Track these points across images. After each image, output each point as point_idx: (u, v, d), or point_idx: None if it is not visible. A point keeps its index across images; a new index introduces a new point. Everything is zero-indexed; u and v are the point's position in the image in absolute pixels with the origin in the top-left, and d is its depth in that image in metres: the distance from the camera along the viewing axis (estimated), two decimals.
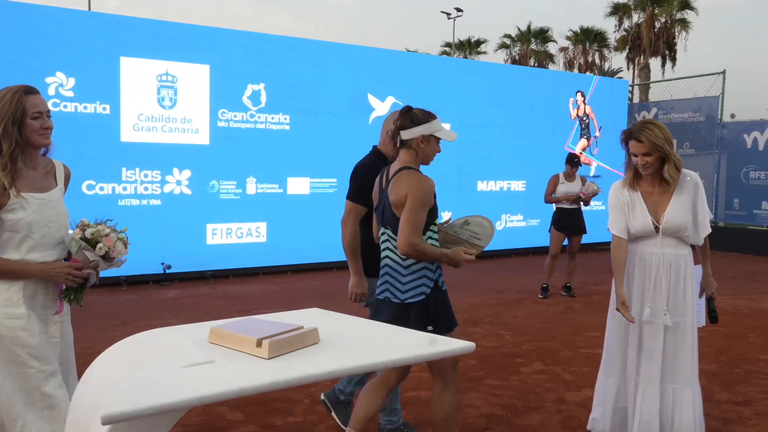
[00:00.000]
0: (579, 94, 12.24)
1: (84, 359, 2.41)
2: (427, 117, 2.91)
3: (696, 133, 13.25)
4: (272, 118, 8.87)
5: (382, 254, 3.01)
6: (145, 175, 8.09)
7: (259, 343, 1.36)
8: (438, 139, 2.95)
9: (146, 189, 8.09)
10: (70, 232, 2.56)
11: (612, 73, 37.71)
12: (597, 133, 12.48)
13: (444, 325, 2.89)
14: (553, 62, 34.42)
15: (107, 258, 2.46)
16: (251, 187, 8.84)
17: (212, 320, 2.25)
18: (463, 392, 4.34)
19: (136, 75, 7.93)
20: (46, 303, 2.50)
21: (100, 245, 2.43)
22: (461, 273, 3.86)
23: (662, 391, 3.25)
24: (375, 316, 2.95)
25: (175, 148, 8.27)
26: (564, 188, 7.80)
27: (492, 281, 8.88)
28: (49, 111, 2.52)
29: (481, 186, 11.00)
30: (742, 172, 12.68)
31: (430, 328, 2.82)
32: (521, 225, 11.56)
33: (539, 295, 7.84)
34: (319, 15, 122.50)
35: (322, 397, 3.73)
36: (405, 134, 2.89)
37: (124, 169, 7.94)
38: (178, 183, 8.32)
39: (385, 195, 2.94)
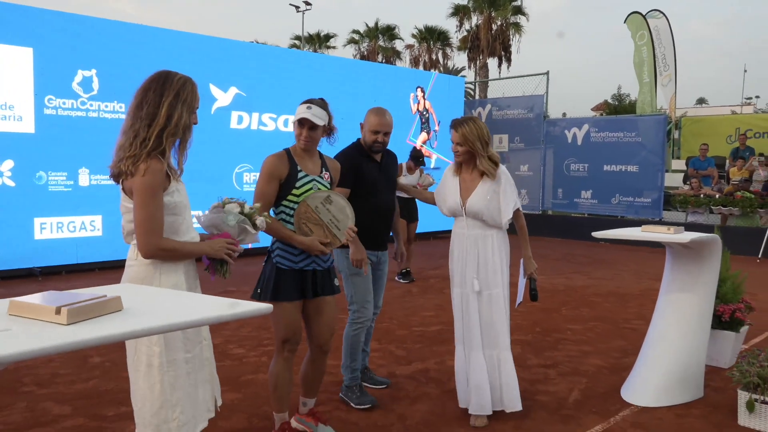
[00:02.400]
0: (419, 89, 12.83)
1: None
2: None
3: (526, 129, 14.36)
4: (106, 106, 8.48)
5: None
6: None
7: (58, 311, 1.41)
8: (296, 123, 3.22)
9: None
10: (230, 205, 2.62)
11: (456, 72, 39.56)
12: (436, 127, 13.15)
13: (262, 293, 3.21)
14: (400, 59, 35.52)
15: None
16: (84, 178, 8.40)
17: None
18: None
19: None
20: (194, 283, 2.55)
21: (261, 219, 2.64)
22: None
23: (486, 357, 3.65)
24: None
25: None
26: (404, 180, 8.25)
27: None
28: None
29: None
30: (564, 164, 13.93)
31: (258, 290, 3.22)
32: None
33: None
34: (163, 4, 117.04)
35: (342, 396, 4.02)
36: None
37: None
38: (0, 174, 7.72)
39: None
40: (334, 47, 38.46)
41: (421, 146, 12.78)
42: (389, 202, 4.06)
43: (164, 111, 2.36)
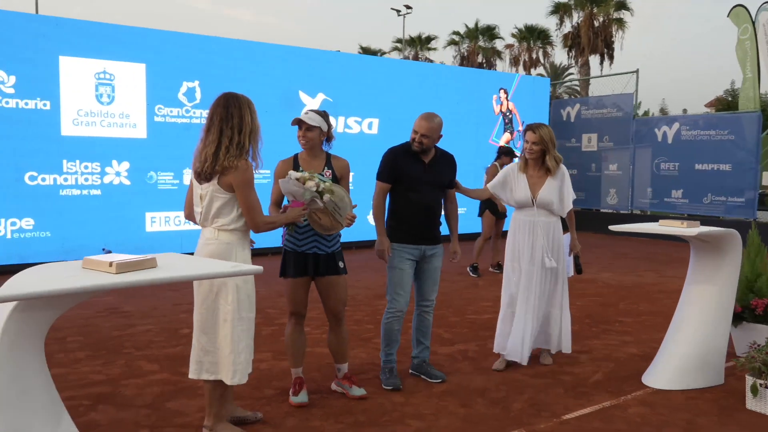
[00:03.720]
0: (502, 91, 13.14)
1: None
2: None
3: (615, 128, 14.28)
4: (207, 113, 9.49)
5: None
6: (86, 167, 8.65)
7: (110, 265, 2.08)
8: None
9: (86, 180, 8.66)
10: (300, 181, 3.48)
11: (563, 70, 38.96)
12: (520, 128, 13.40)
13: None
14: (501, 59, 35.50)
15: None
16: (188, 178, 9.45)
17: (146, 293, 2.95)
18: (353, 348, 5.10)
19: (74, 73, 8.48)
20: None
21: (327, 196, 3.46)
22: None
23: (543, 314, 4.67)
24: None
25: (114, 141, 8.85)
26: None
27: None
28: None
29: None
30: (654, 163, 13.74)
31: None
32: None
33: (472, 275, 8.59)
34: (279, 16, 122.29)
35: (411, 372, 4.53)
36: None
37: (65, 161, 8.49)
38: (118, 174, 8.90)
39: None
40: (434, 49, 39.01)
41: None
42: (430, 200, 4.26)
43: (248, 120, 3.17)
